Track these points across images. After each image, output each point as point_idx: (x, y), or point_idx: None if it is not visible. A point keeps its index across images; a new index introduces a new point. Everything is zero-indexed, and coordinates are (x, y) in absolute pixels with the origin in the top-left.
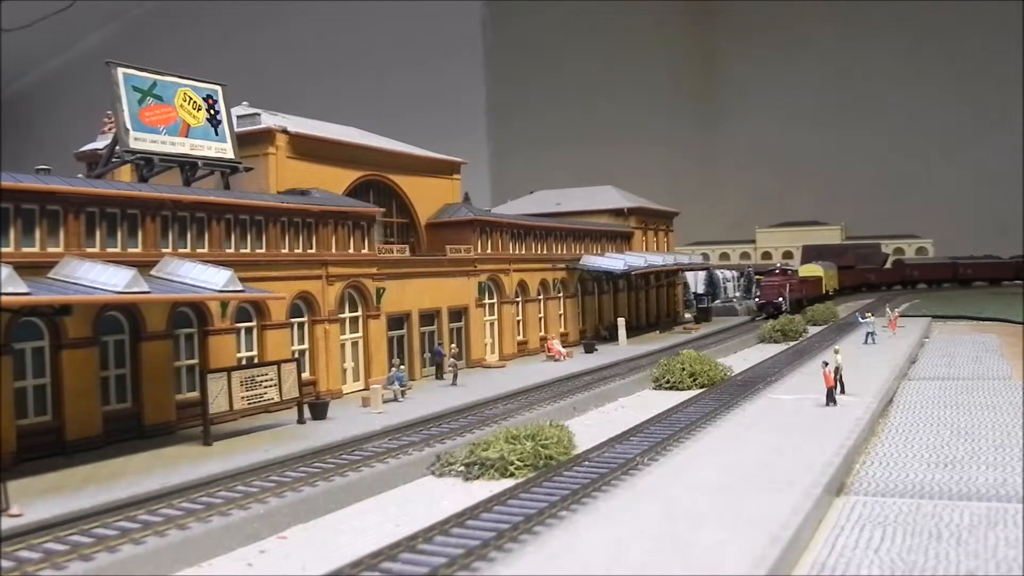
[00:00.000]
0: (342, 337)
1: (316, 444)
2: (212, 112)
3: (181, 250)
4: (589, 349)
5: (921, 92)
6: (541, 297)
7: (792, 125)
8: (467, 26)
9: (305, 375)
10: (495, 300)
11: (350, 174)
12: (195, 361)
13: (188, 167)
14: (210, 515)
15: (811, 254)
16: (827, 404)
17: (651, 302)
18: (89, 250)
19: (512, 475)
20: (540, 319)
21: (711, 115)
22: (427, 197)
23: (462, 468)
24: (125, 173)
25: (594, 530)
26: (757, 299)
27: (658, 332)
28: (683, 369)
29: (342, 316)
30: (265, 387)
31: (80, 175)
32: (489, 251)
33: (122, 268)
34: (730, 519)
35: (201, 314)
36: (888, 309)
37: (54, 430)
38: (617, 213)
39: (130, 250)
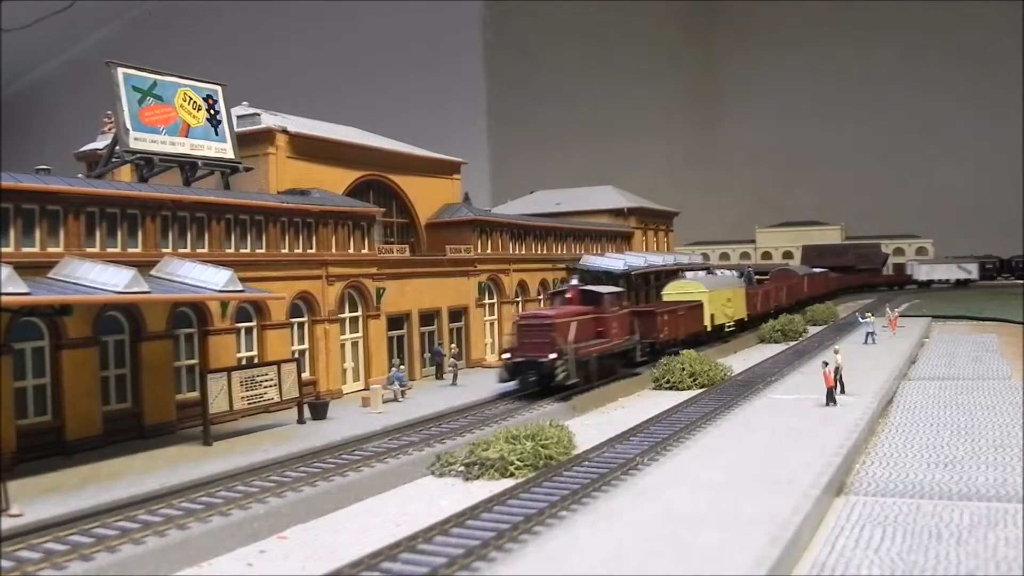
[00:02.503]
0: (342, 337)
1: (316, 444)
2: (212, 112)
3: (181, 250)
4: None
5: (922, 91)
6: (541, 297)
7: (792, 125)
8: (467, 26)
9: (305, 375)
10: (495, 300)
11: (350, 174)
12: (195, 361)
13: (188, 167)
14: (210, 515)
15: (811, 254)
16: (827, 404)
17: (652, 301)
18: (89, 250)
19: (512, 475)
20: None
21: (711, 115)
22: (427, 197)
23: (462, 468)
24: (125, 173)
25: (594, 530)
26: (507, 355)
27: None
28: (683, 369)
29: (342, 316)
30: (265, 387)
31: (80, 175)
32: (489, 251)
33: (122, 268)
34: (730, 519)
35: (201, 314)
36: (888, 309)
37: (54, 430)
38: (617, 213)
39: (130, 250)
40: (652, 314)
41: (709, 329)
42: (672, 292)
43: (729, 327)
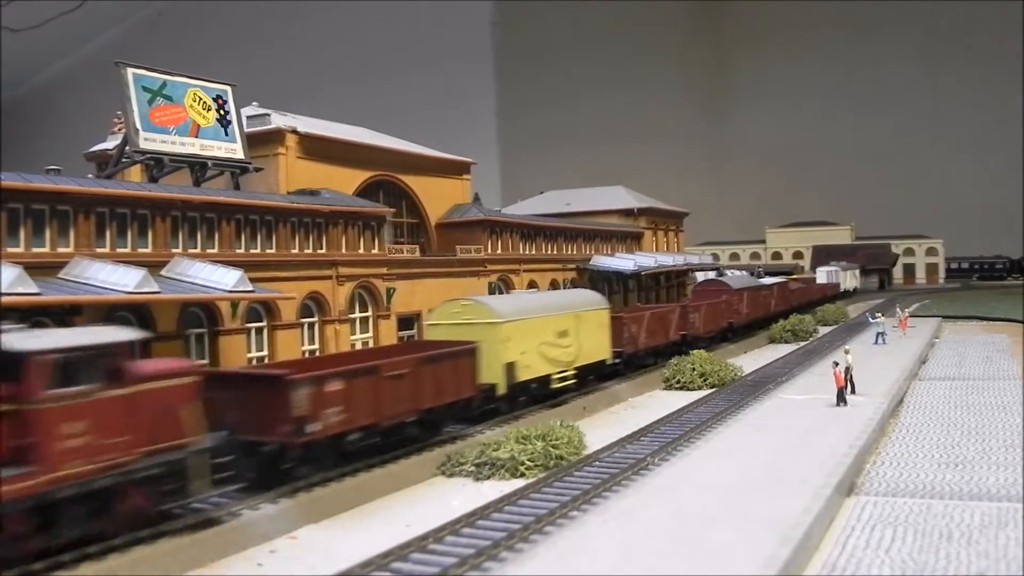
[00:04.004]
0: (352, 337)
1: None
2: (222, 112)
3: (191, 250)
4: None
5: (932, 90)
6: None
7: (802, 124)
8: (476, 26)
9: None
10: None
11: (360, 174)
12: (205, 361)
13: (198, 167)
14: (220, 515)
15: (821, 254)
16: (837, 404)
17: (661, 302)
18: (99, 250)
19: (523, 475)
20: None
21: (721, 114)
22: (437, 197)
23: (472, 468)
24: (135, 173)
25: (604, 530)
26: None
27: None
28: (693, 369)
29: (352, 316)
30: None
31: (90, 175)
32: (499, 251)
33: (132, 268)
34: (740, 519)
35: (211, 314)
36: (898, 309)
37: None
38: (627, 213)
39: (140, 250)
40: (276, 386)
41: (503, 392)
42: (442, 320)
43: (563, 379)
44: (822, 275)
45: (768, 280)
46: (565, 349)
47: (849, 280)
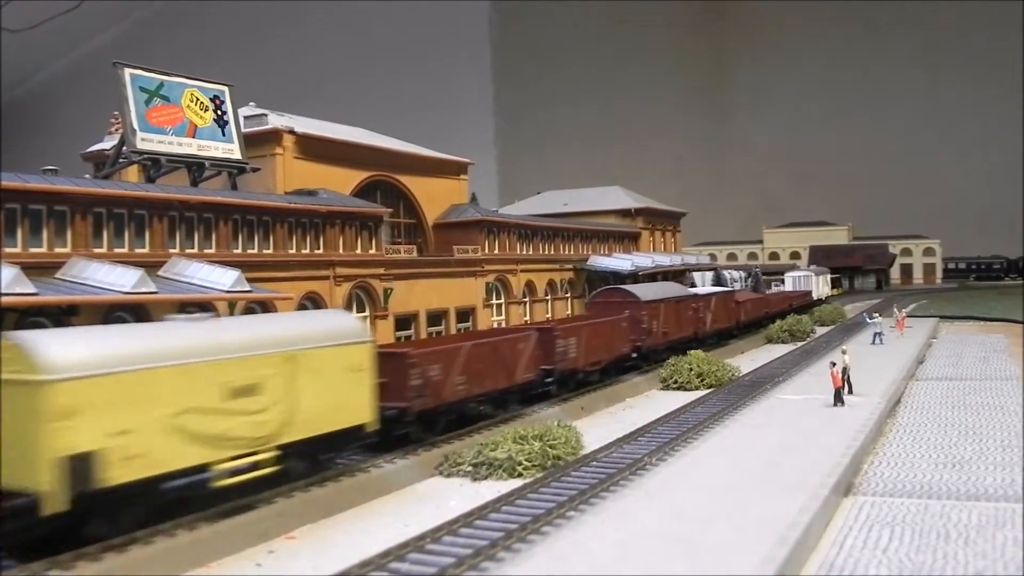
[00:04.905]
0: None
1: None
2: (219, 113)
3: (188, 251)
4: None
5: (931, 91)
6: (548, 297)
7: (801, 125)
8: (474, 26)
9: None
10: (502, 300)
11: (357, 174)
12: None
13: (195, 168)
14: (218, 516)
15: (818, 255)
16: (835, 404)
17: None
18: (96, 250)
19: (520, 475)
20: (547, 319)
21: (720, 115)
22: (434, 197)
23: (470, 468)
24: (132, 174)
25: (602, 530)
26: None
27: None
28: (691, 369)
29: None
30: None
31: (87, 176)
32: (496, 252)
33: (129, 268)
34: (738, 519)
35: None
36: (896, 309)
37: None
38: (624, 213)
39: (137, 250)
40: None
41: (60, 507)
42: None
43: (247, 470)
44: (790, 280)
45: (704, 288)
46: (250, 417)
47: (822, 286)
